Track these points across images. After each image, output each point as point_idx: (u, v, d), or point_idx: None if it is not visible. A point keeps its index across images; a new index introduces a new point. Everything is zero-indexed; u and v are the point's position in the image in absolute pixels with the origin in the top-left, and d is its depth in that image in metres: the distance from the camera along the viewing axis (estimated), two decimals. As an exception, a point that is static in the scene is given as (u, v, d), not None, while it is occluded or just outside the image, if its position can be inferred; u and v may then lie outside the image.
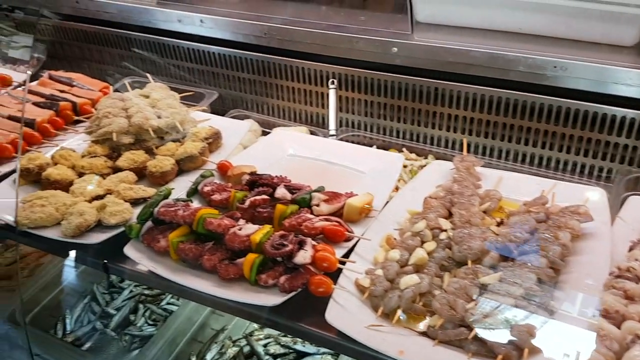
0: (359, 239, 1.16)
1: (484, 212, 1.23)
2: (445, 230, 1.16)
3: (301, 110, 1.95)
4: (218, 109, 1.98)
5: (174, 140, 1.59)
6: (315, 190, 1.28)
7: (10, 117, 1.66)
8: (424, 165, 1.65)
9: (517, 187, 1.34)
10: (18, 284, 1.75)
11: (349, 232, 1.16)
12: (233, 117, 1.92)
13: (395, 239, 1.15)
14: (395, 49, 1.64)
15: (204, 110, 1.78)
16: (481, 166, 1.41)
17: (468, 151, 1.53)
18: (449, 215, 1.22)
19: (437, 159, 1.68)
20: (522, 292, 1.01)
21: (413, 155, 1.70)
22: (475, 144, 1.69)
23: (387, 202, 1.28)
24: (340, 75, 1.80)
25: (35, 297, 1.78)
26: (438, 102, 1.69)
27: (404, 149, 1.73)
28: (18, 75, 1.95)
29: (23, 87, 1.86)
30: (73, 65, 2.31)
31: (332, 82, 1.80)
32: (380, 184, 1.33)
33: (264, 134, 1.87)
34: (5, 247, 2.01)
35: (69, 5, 2.17)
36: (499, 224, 1.20)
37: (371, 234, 1.18)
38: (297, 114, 1.97)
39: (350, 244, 1.16)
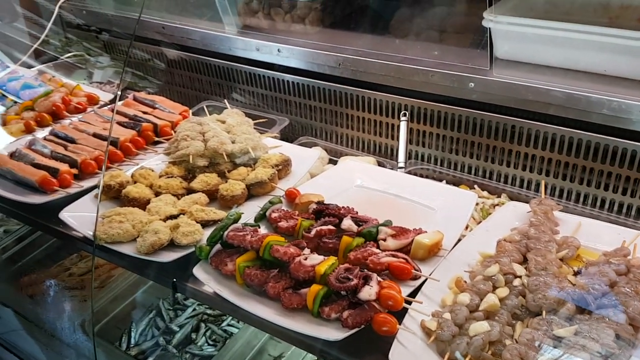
0: (427, 279, 1.12)
1: (561, 259, 1.16)
2: (520, 277, 1.10)
3: (369, 140, 1.95)
4: (287, 135, 2.02)
5: (245, 165, 1.63)
6: (383, 224, 1.26)
7: (95, 135, 1.77)
8: (497, 204, 1.60)
9: (596, 235, 1.26)
10: (91, 295, 1.83)
11: (416, 270, 1.13)
12: (301, 144, 1.94)
13: (465, 281, 1.11)
14: (473, 85, 1.61)
15: (275, 137, 1.81)
16: (559, 211, 1.34)
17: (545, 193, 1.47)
18: (524, 261, 1.17)
19: (510, 198, 1.63)
20: (598, 349, 0.94)
21: (485, 193, 1.66)
22: (552, 185, 1.62)
23: (458, 241, 1.24)
24: (413, 107, 1.79)
25: (104, 309, 1.86)
26: (514, 140, 1.64)
27: (475, 186, 1.68)
28: (105, 95, 2.08)
29: (109, 106, 1.98)
30: (156, 87, 2.43)
31: (404, 114, 1.79)
32: (451, 222, 1.29)
33: (331, 162, 1.88)
34: (79, 257, 2.12)
35: (156, 30, 2.31)
36: (576, 274, 1.13)
37: (440, 274, 1.14)
38: (365, 144, 1.97)
39: (417, 282, 1.13)
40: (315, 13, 2.01)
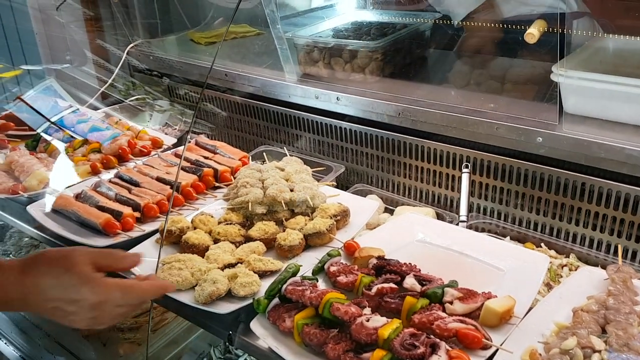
0: (498, 349, 1.06)
1: (645, 334, 1.07)
2: (599, 352, 1.02)
3: (427, 190, 1.91)
4: (342, 181, 2.00)
5: (303, 214, 1.61)
6: (448, 285, 1.21)
7: (158, 179, 1.80)
8: (565, 265, 1.52)
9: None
10: (147, 341, 1.84)
11: (487, 339, 1.06)
12: (356, 191, 1.92)
13: (540, 354, 1.03)
14: (541, 139, 1.56)
15: (332, 185, 1.80)
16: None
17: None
18: (602, 333, 1.09)
19: (579, 258, 1.54)
20: None
21: (552, 252, 1.57)
22: (625, 247, 1.53)
23: (530, 308, 1.17)
24: (475, 159, 1.74)
25: (157, 354, 1.86)
26: (584, 197, 1.56)
27: (542, 244, 1.61)
28: (168, 139, 2.13)
29: (172, 150, 2.02)
30: (216, 131, 2.49)
31: (466, 166, 1.74)
32: (522, 286, 1.22)
33: (387, 210, 1.85)
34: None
35: (218, 76, 2.38)
36: (662, 351, 1.04)
37: (512, 344, 1.07)
38: (422, 194, 1.93)
39: (487, 352, 1.06)
40: (375, 63, 2.02)
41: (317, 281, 1.31)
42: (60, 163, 1.90)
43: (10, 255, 2.41)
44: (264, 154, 1.95)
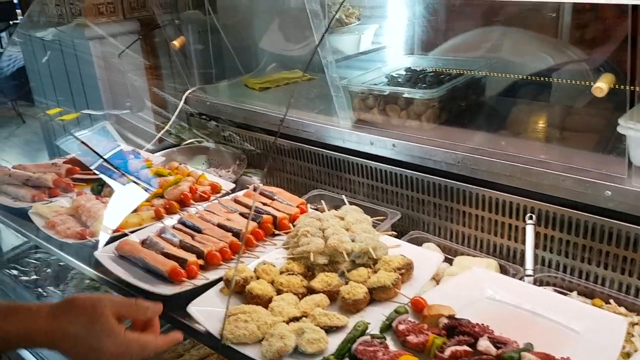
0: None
1: None
2: None
3: (487, 240, 1.88)
4: (396, 228, 1.99)
5: (365, 265, 1.61)
6: (524, 349, 1.18)
7: (219, 225, 1.83)
8: (636, 323, 1.46)
9: None
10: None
11: (571, 410, 1.02)
12: (412, 239, 1.91)
13: None
14: (609, 193, 1.52)
15: (393, 235, 1.79)
16: None
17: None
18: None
19: (652, 317, 1.49)
20: None
21: (622, 310, 1.52)
22: (703, 306, 1.47)
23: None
24: (540, 210, 1.71)
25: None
26: (657, 253, 1.51)
27: (611, 301, 1.55)
28: (226, 184, 2.17)
29: (231, 196, 2.06)
30: (271, 176, 2.52)
31: (530, 217, 1.71)
32: (599, 351, 1.18)
33: (445, 260, 1.82)
34: (192, 343, 2.15)
35: (272, 122, 2.43)
36: None
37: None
38: (482, 244, 1.90)
39: None
40: (431, 110, 2.03)
41: (385, 339, 1.30)
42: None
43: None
44: (322, 202, 1.96)
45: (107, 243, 1.80)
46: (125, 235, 1.82)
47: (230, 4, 2.98)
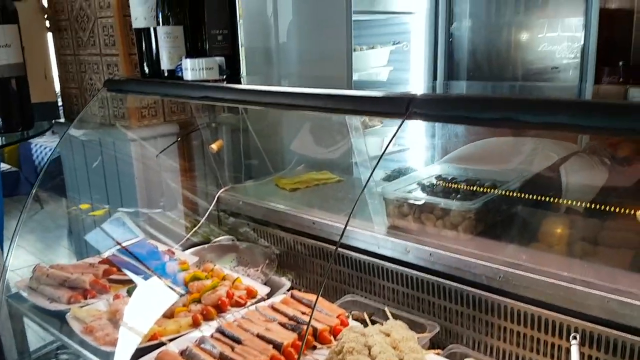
0: None
1: None
2: None
3: (529, 358, 1.85)
4: (433, 341, 1.96)
5: (412, 385, 1.58)
6: None
7: (259, 336, 1.81)
8: None
9: None
10: None
11: None
12: (451, 353, 1.88)
13: None
14: (657, 317, 1.53)
15: (439, 354, 1.77)
16: None
17: None
18: None
19: None
20: None
21: None
22: None
23: None
24: (584, 331, 1.70)
25: None
26: None
27: None
28: (262, 288, 2.17)
29: (267, 302, 2.05)
30: (300, 277, 2.53)
31: (574, 337, 1.70)
32: None
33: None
34: None
35: (306, 224, 2.47)
36: None
37: None
38: (522, 361, 1.87)
39: None
40: (468, 221, 2.07)
41: None
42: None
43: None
44: (365, 314, 1.95)
45: (147, 352, 1.77)
46: (163, 344, 1.80)
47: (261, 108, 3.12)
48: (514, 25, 3.91)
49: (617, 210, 1.86)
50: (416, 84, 3.99)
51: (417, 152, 2.99)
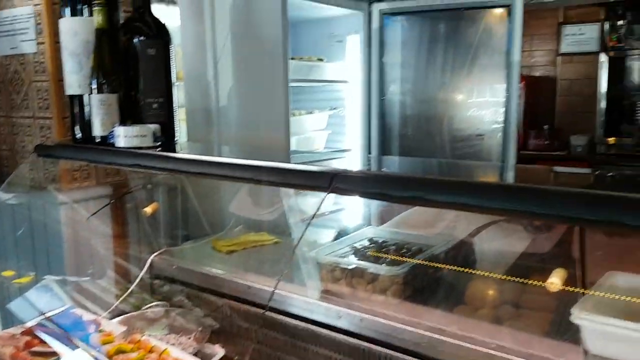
0: None
1: None
2: None
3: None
4: None
5: None
6: None
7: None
8: None
9: None
10: None
11: None
12: None
13: None
14: (570, 382, 1.60)
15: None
16: None
17: None
18: None
19: None
20: None
21: None
22: None
23: None
24: (505, 396, 1.75)
25: None
26: None
27: None
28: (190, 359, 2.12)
29: (196, 374, 2.00)
30: (234, 344, 2.48)
31: (496, 402, 1.75)
32: None
33: None
34: None
35: (241, 289, 2.45)
36: None
37: None
38: None
39: None
40: (397, 286, 2.13)
41: None
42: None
43: None
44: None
45: None
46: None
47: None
48: (443, 91, 4.17)
49: (536, 274, 1.97)
50: (349, 156, 4.11)
51: (353, 213, 3.07)
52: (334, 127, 4.02)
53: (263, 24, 3.45)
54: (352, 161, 2.90)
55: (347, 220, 3.04)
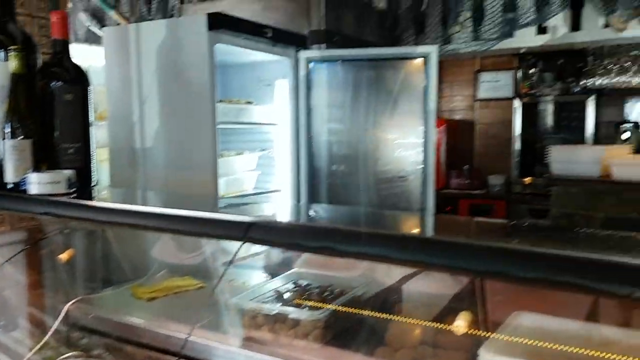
0: None
1: None
2: None
3: None
4: None
5: None
6: None
7: None
8: None
9: None
10: None
11: None
12: None
13: None
14: (478, 422, 1.67)
15: None
16: None
17: None
18: None
19: None
20: None
21: None
22: None
23: None
24: None
25: None
26: None
27: None
28: (105, 416, 2.02)
29: None
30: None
31: None
32: None
33: None
34: None
35: (161, 339, 2.38)
36: None
37: None
38: None
39: None
40: (318, 331, 2.15)
41: None
42: None
43: None
44: None
45: None
46: None
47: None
48: (369, 133, 4.33)
49: (451, 315, 2.06)
50: (275, 199, 4.14)
51: (280, 254, 3.08)
52: (264, 168, 4.06)
53: (190, 66, 3.48)
54: (273, 208, 2.94)
55: (274, 261, 3.05)
